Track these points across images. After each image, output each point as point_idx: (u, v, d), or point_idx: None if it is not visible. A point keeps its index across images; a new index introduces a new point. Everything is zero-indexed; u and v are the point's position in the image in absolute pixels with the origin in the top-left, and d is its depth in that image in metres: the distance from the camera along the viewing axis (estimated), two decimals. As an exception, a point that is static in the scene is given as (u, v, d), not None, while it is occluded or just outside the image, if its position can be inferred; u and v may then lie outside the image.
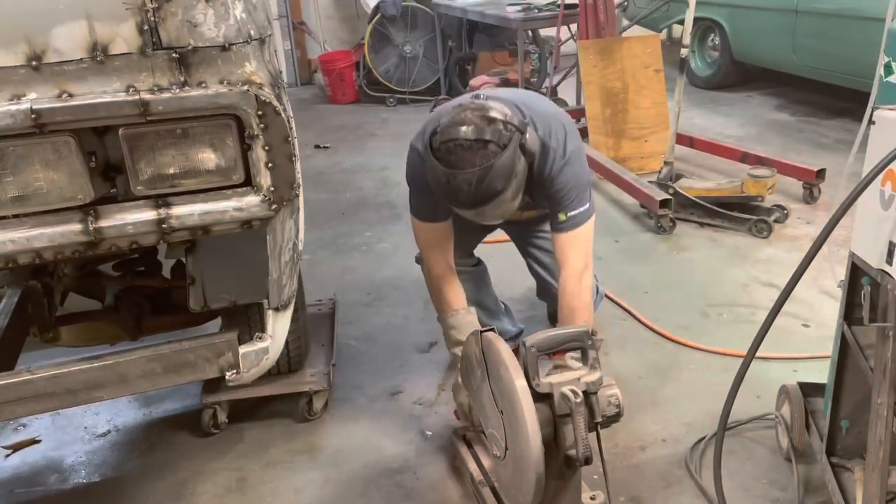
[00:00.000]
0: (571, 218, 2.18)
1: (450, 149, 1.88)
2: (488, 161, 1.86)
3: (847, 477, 1.85)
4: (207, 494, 2.25)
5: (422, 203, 2.28)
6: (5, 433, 2.61)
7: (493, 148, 1.86)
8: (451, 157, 1.88)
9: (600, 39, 4.96)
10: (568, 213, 2.17)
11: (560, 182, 2.14)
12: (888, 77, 1.68)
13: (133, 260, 2.46)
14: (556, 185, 2.15)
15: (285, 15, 8.00)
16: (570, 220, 2.18)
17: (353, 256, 3.84)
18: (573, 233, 2.19)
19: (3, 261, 1.51)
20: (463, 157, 1.86)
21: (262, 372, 1.88)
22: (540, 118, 2.14)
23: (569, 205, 2.17)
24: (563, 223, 2.19)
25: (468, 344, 1.99)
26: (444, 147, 1.89)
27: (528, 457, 1.68)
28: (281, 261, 1.76)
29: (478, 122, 1.88)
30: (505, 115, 1.94)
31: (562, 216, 2.18)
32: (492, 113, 1.92)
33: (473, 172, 1.85)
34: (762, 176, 3.77)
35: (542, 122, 2.13)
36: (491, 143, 1.86)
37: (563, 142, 2.14)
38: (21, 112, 1.38)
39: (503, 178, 1.90)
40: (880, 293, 1.53)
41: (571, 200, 2.16)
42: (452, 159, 1.87)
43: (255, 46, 1.54)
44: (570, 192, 2.16)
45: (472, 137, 1.86)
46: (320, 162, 5.48)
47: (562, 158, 2.13)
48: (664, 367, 2.73)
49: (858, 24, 5.05)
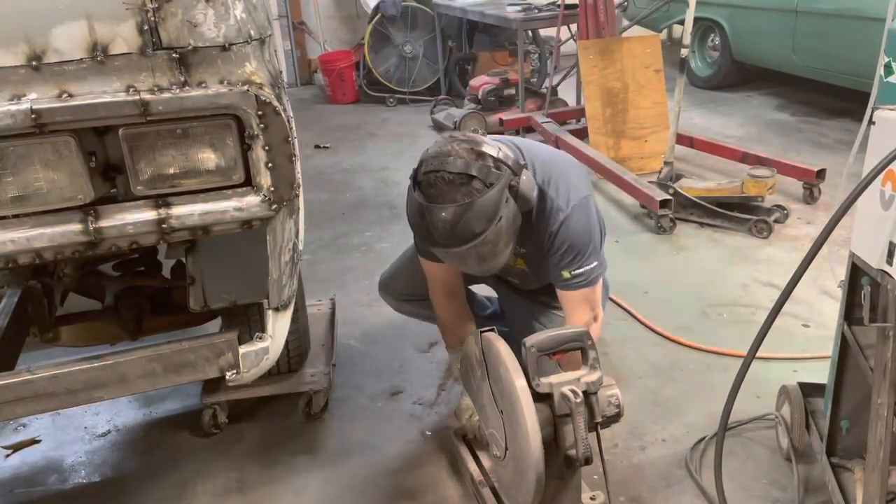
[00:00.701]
0: (576, 276, 1.97)
1: (431, 181, 1.73)
2: (469, 198, 1.69)
3: (847, 477, 1.85)
4: (207, 494, 2.25)
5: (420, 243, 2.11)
6: (5, 433, 2.61)
7: (476, 185, 1.70)
8: (431, 189, 1.73)
9: (600, 39, 4.96)
10: (572, 271, 1.97)
11: (561, 238, 1.93)
12: (888, 77, 1.68)
13: (133, 260, 2.46)
14: (557, 241, 1.94)
15: (285, 15, 8.01)
16: (574, 278, 1.97)
17: (353, 256, 3.84)
18: (579, 292, 2.00)
19: (3, 261, 1.51)
20: (443, 191, 1.71)
21: (262, 372, 1.88)
22: (542, 164, 1.95)
23: (571, 263, 1.96)
24: (566, 281, 1.99)
25: (468, 344, 1.99)
26: (425, 179, 1.75)
27: (528, 457, 1.68)
28: (281, 261, 1.76)
29: (465, 154, 1.73)
30: (498, 151, 1.78)
31: (565, 274, 1.97)
32: (483, 147, 1.76)
33: (451, 208, 1.69)
34: (762, 176, 3.77)
35: (543, 169, 1.95)
36: (476, 180, 1.70)
37: (565, 192, 1.93)
38: (21, 112, 1.38)
39: (484, 220, 1.71)
40: (880, 293, 1.53)
41: (574, 258, 1.95)
42: (432, 192, 1.73)
43: (255, 46, 1.54)
44: (571, 249, 1.94)
45: (455, 171, 1.70)
46: (320, 162, 5.48)
47: (562, 211, 1.92)
48: (664, 367, 2.73)
49: (858, 24, 5.05)
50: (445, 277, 2.17)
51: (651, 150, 4.88)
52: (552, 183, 1.94)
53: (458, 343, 2.19)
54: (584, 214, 1.96)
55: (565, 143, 4.95)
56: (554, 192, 1.93)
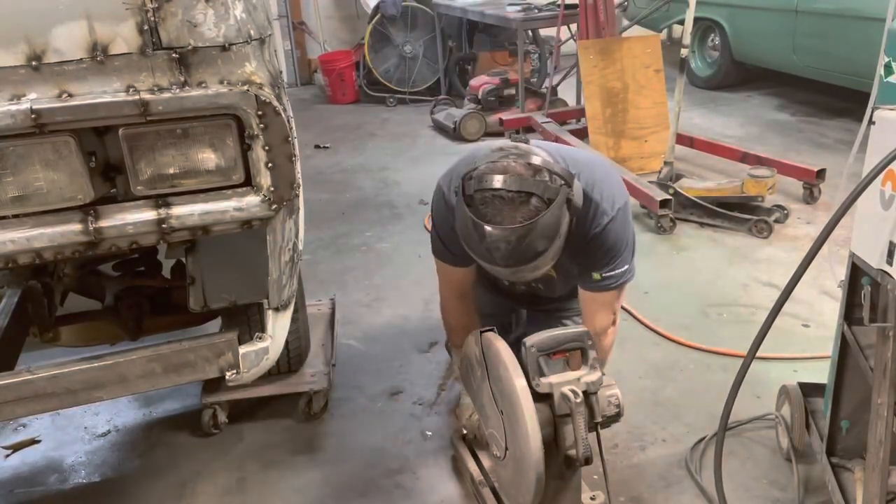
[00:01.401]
0: (606, 279, 1.95)
1: (486, 200, 1.64)
2: (531, 218, 1.62)
3: (847, 477, 1.85)
4: (207, 494, 2.25)
5: (444, 248, 2.07)
6: (5, 433, 2.61)
7: (536, 202, 1.63)
8: (487, 209, 1.64)
9: (600, 39, 4.96)
10: (603, 273, 1.95)
11: (601, 241, 1.91)
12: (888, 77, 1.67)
13: (133, 260, 2.46)
14: (597, 243, 1.91)
15: (285, 15, 8.01)
16: (604, 280, 1.95)
17: (353, 256, 3.84)
18: (605, 294, 1.98)
19: (3, 261, 1.51)
20: (502, 211, 1.62)
21: (262, 372, 1.88)
22: (584, 167, 1.91)
23: (605, 265, 1.94)
24: (595, 282, 1.97)
25: (468, 344, 1.99)
26: (479, 196, 1.65)
27: (528, 457, 1.68)
28: (281, 261, 1.76)
29: (522, 170, 1.64)
30: (549, 163, 1.72)
31: (596, 276, 1.95)
32: (536, 160, 1.69)
33: (514, 230, 1.62)
34: (762, 176, 3.77)
35: (586, 172, 1.90)
36: (535, 197, 1.63)
37: (610, 196, 1.91)
38: (21, 112, 1.38)
39: (547, 239, 1.66)
40: (880, 293, 1.53)
41: (609, 261, 1.94)
42: (489, 212, 1.63)
43: (255, 46, 1.54)
44: (609, 251, 1.93)
45: (514, 189, 1.62)
46: (320, 162, 5.48)
47: (606, 215, 1.89)
48: (664, 367, 2.73)
49: (858, 24, 5.05)
50: (460, 280, 2.15)
51: (651, 150, 4.88)
52: (596, 186, 1.90)
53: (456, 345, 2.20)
54: (625, 219, 1.95)
55: (565, 143, 4.95)
56: (598, 195, 1.90)
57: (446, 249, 2.07)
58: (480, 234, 1.66)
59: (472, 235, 1.69)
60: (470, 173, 1.71)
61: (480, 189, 1.65)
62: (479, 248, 1.71)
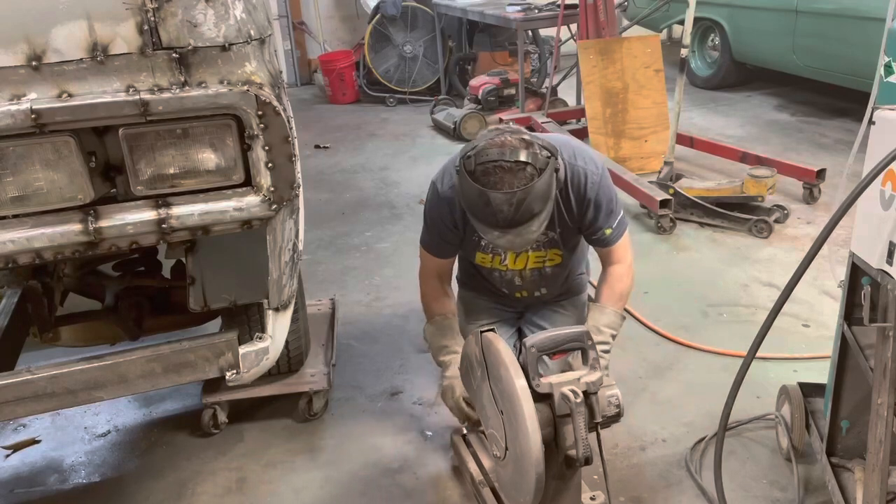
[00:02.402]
0: (616, 229, 2.20)
1: (488, 170, 1.86)
2: (528, 182, 1.85)
3: (847, 477, 1.85)
4: (207, 494, 2.25)
5: (433, 241, 2.28)
6: (5, 433, 2.61)
7: (530, 170, 1.86)
8: (489, 178, 1.86)
9: (600, 39, 4.96)
10: (612, 225, 2.19)
11: (600, 196, 2.14)
12: (888, 77, 1.68)
13: (133, 260, 2.46)
14: (598, 199, 2.14)
15: (285, 15, 8.01)
16: (615, 231, 2.20)
17: (353, 256, 3.84)
18: (620, 242, 2.23)
19: (3, 261, 1.51)
20: (503, 178, 1.85)
21: (262, 372, 1.88)
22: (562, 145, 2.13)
23: (609, 218, 2.18)
24: (609, 237, 2.21)
25: (468, 344, 1.99)
26: (481, 168, 1.87)
27: (528, 457, 1.68)
28: (281, 261, 1.76)
29: (516, 143, 1.88)
30: (537, 137, 1.97)
31: (608, 231, 2.19)
32: (527, 137, 1.93)
33: (514, 193, 1.84)
34: (762, 176, 3.77)
35: (566, 148, 2.14)
36: (529, 166, 1.86)
37: (591, 159, 2.15)
38: (21, 112, 1.38)
39: (541, 201, 1.90)
40: (880, 293, 1.53)
41: (611, 214, 2.18)
42: (492, 180, 1.85)
43: (255, 46, 1.54)
44: (608, 204, 2.16)
45: (511, 159, 1.85)
46: (320, 162, 5.48)
47: (595, 174, 2.13)
48: (664, 367, 2.73)
49: (858, 24, 5.05)
50: (441, 266, 2.34)
51: (651, 150, 4.88)
52: (577, 155, 2.15)
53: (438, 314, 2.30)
54: (608, 175, 2.20)
55: (565, 143, 4.95)
56: (583, 161, 2.14)
57: (434, 241, 2.27)
58: (485, 200, 1.86)
59: (477, 203, 1.88)
60: (469, 153, 1.92)
61: (482, 162, 1.87)
62: (483, 214, 1.90)
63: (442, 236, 2.23)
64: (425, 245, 2.31)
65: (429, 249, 2.30)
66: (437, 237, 2.24)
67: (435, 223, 2.23)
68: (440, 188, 2.18)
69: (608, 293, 2.21)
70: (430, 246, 2.30)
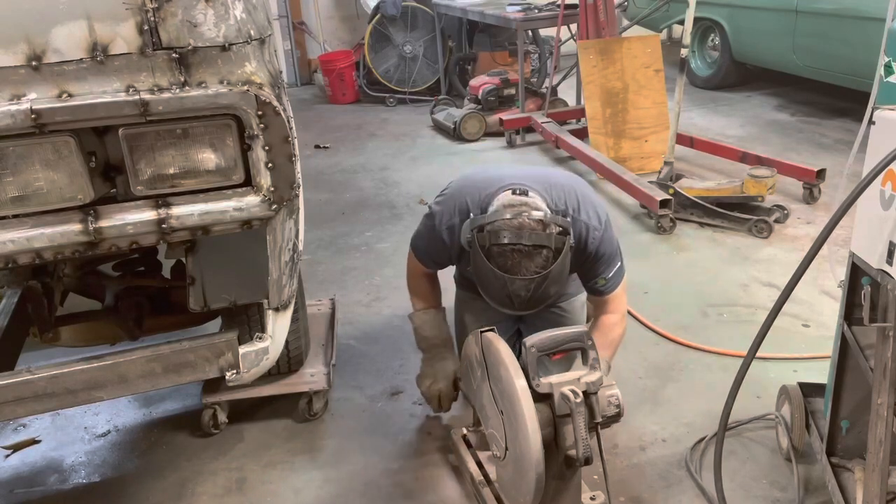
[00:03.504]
0: (611, 279, 2.20)
1: (505, 253, 1.86)
2: (546, 269, 1.86)
3: (847, 477, 1.85)
4: (207, 494, 2.25)
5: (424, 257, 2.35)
6: (5, 433, 2.61)
7: (546, 253, 1.86)
8: (506, 261, 1.86)
9: (600, 39, 4.96)
10: (608, 276, 2.19)
11: (599, 253, 2.15)
12: (888, 77, 1.68)
13: (133, 260, 2.46)
14: (596, 255, 2.15)
15: (285, 15, 8.01)
16: (610, 281, 2.20)
17: (353, 256, 3.84)
18: (616, 292, 2.23)
19: (3, 261, 1.51)
20: (520, 263, 1.85)
21: (262, 372, 1.88)
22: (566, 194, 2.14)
23: (607, 269, 2.19)
24: (604, 286, 2.21)
25: (468, 344, 1.99)
26: (497, 250, 1.87)
27: (528, 457, 1.68)
28: (281, 261, 1.76)
29: (533, 226, 1.87)
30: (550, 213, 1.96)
31: (601, 281, 2.20)
32: (542, 215, 1.92)
33: (532, 280, 1.85)
34: (762, 176, 3.77)
35: (568, 198, 2.14)
36: (546, 249, 1.86)
37: (595, 213, 2.15)
38: (21, 112, 1.38)
39: (557, 283, 1.92)
40: (880, 293, 1.53)
41: (609, 265, 2.18)
42: (509, 265, 1.86)
43: (255, 46, 1.54)
44: (606, 259, 2.17)
45: (529, 243, 1.85)
46: (320, 162, 5.48)
47: (597, 230, 2.14)
48: (664, 367, 2.73)
49: (858, 24, 5.05)
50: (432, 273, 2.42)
51: (651, 150, 4.88)
52: (581, 208, 2.14)
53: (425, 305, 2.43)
54: (610, 227, 2.21)
55: (565, 143, 4.95)
56: (585, 216, 2.14)
57: (425, 259, 2.35)
58: (501, 283, 1.88)
59: (493, 284, 1.90)
60: (483, 225, 1.91)
61: (498, 244, 1.86)
62: (499, 296, 1.92)
63: (435, 260, 2.33)
64: (416, 254, 2.36)
65: (419, 259, 2.37)
66: (429, 258, 2.33)
67: (429, 250, 2.29)
68: (437, 225, 2.19)
69: (600, 340, 2.14)
70: (421, 258, 2.36)
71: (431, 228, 2.22)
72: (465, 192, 2.18)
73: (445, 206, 2.20)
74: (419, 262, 2.38)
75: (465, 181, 2.25)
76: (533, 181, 2.14)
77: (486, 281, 1.92)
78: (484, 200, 2.09)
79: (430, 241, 2.26)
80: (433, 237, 2.23)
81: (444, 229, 2.17)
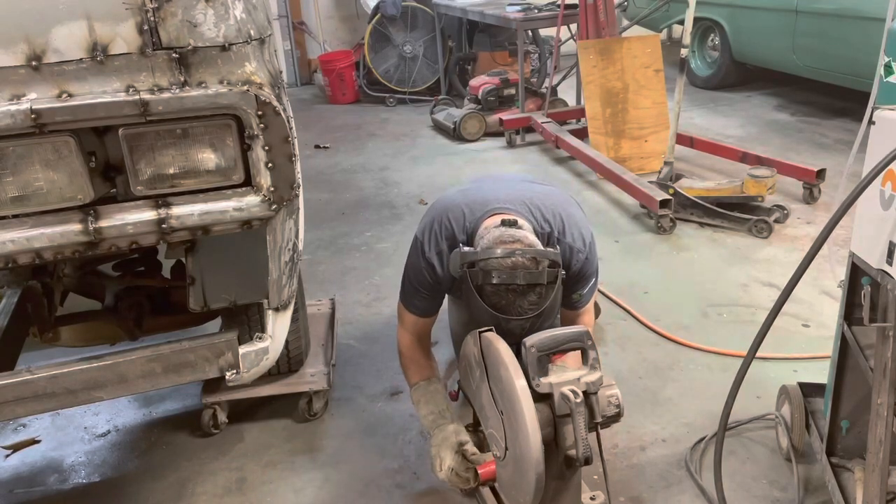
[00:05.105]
0: (585, 295, 2.24)
1: (499, 292, 1.85)
2: (540, 307, 1.86)
3: (847, 477, 1.85)
4: (207, 494, 2.25)
5: (413, 300, 2.23)
6: (5, 433, 2.61)
7: (540, 290, 1.86)
8: (500, 300, 1.85)
9: (600, 39, 4.96)
10: (582, 292, 2.23)
11: (581, 273, 2.18)
12: (888, 77, 1.67)
13: (133, 260, 2.46)
14: (578, 276, 2.17)
15: (285, 15, 8.02)
16: (583, 297, 2.24)
17: (353, 256, 3.85)
18: (587, 307, 2.27)
19: (3, 261, 1.51)
20: (514, 302, 1.85)
21: (262, 372, 1.88)
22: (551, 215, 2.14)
23: (583, 287, 2.22)
24: (577, 301, 2.24)
25: (466, 344, 1.99)
26: (491, 289, 1.85)
27: (528, 457, 1.68)
28: (281, 261, 1.76)
29: (527, 264, 1.85)
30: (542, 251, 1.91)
31: (576, 296, 2.22)
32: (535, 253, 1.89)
33: (527, 319, 1.86)
34: (762, 176, 3.77)
35: (555, 219, 2.14)
36: (539, 287, 1.85)
37: (579, 235, 2.15)
38: (21, 112, 1.38)
39: (550, 317, 1.93)
40: (880, 293, 1.53)
41: (585, 283, 2.21)
42: (503, 304, 1.85)
43: (255, 46, 1.54)
44: (585, 278, 2.20)
45: (523, 282, 1.83)
46: (320, 162, 5.48)
47: (581, 252, 2.15)
48: (664, 367, 2.73)
49: (858, 24, 5.05)
50: (422, 327, 2.30)
51: (651, 150, 4.88)
52: (566, 231, 2.15)
53: (421, 378, 2.24)
54: (594, 248, 2.22)
55: (565, 143, 4.95)
56: (570, 238, 2.14)
57: (415, 300, 2.23)
58: (496, 323, 1.88)
59: (488, 322, 1.89)
60: (475, 263, 1.88)
61: (492, 283, 1.85)
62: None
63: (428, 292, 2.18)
64: (406, 304, 2.25)
65: (409, 308, 2.25)
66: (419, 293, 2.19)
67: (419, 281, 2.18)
68: (427, 250, 2.13)
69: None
70: (411, 305, 2.24)
71: (419, 255, 2.16)
72: (449, 216, 2.13)
73: (430, 231, 2.16)
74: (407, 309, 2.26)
75: (446, 203, 2.19)
76: (518, 203, 2.12)
77: (480, 317, 1.91)
78: (469, 226, 2.07)
79: (419, 273, 2.17)
80: (423, 267, 2.15)
81: (434, 255, 2.12)
